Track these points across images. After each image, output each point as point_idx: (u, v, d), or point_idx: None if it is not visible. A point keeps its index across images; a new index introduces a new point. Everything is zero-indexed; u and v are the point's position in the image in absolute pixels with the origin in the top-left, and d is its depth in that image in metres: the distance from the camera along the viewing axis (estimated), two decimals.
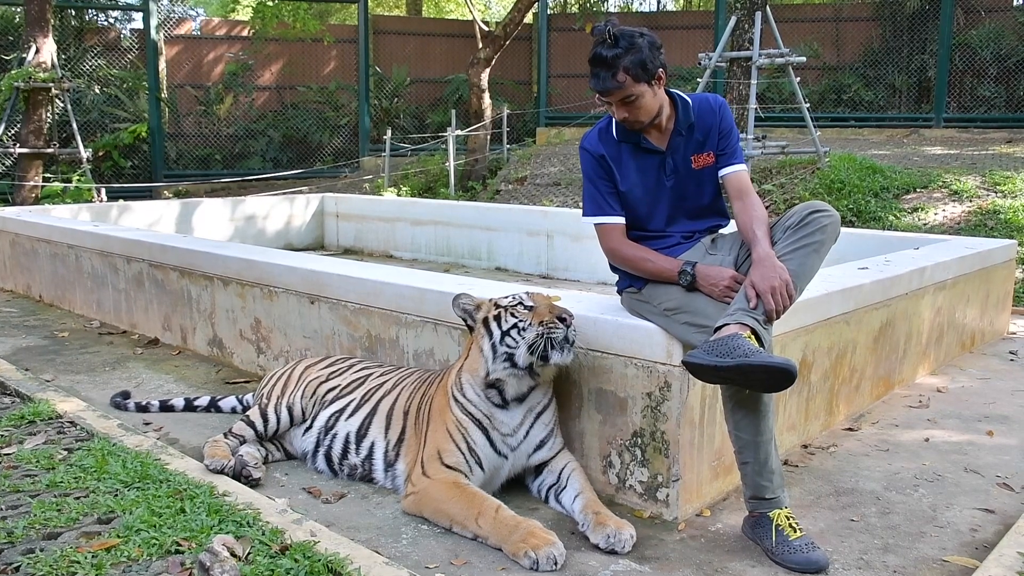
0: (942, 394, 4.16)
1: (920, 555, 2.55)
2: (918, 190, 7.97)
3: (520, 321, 2.75)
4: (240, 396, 3.85)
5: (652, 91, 2.71)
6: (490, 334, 2.80)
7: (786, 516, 2.55)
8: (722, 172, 2.83)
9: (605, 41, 2.69)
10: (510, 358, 2.76)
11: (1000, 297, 5.32)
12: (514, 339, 2.74)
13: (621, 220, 2.85)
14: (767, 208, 8.25)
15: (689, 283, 2.68)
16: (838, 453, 3.37)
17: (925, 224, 7.41)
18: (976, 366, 4.67)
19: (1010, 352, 4.98)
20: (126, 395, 3.94)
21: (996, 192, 7.67)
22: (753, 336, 2.41)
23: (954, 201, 7.67)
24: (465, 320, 2.95)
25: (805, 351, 3.36)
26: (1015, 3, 13.16)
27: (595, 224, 2.89)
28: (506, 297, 2.88)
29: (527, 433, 2.85)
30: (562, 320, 2.70)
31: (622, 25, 2.75)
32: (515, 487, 2.95)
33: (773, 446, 2.57)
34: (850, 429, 3.64)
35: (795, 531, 2.52)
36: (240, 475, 2.95)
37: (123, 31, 14.33)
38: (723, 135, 2.83)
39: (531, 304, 2.80)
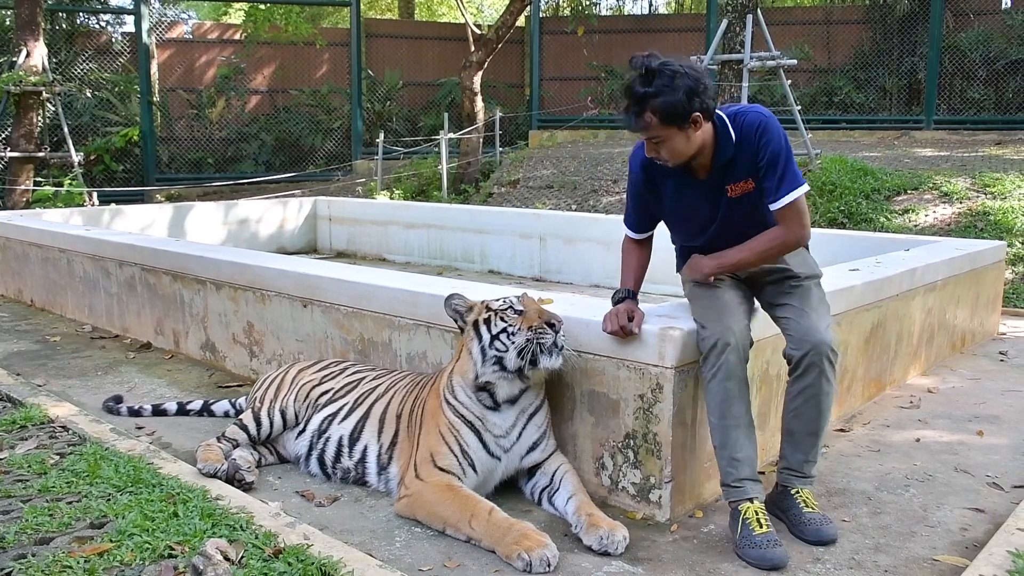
0: (933, 395, 4.18)
1: (911, 555, 2.56)
2: (909, 192, 8.01)
3: (509, 326, 2.76)
4: (233, 400, 3.84)
5: (685, 135, 2.57)
6: (480, 337, 2.81)
7: (755, 511, 2.58)
8: (772, 207, 2.68)
9: (641, 76, 2.55)
10: (499, 362, 2.77)
11: (990, 298, 5.35)
12: (503, 343, 2.75)
13: (634, 235, 3.00)
14: None
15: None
16: (829, 454, 3.39)
17: (916, 225, 7.45)
18: (966, 367, 4.70)
19: (1000, 352, 5.01)
20: (118, 399, 3.93)
21: (986, 194, 7.71)
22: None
23: (944, 203, 7.71)
24: (456, 320, 2.96)
25: None
26: (1003, 6, 13.23)
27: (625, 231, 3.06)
28: (497, 300, 2.88)
29: (520, 435, 2.86)
30: (551, 325, 2.71)
31: (669, 59, 2.57)
32: (508, 489, 2.95)
33: (742, 434, 2.62)
34: (841, 430, 3.66)
35: (761, 526, 2.55)
36: (233, 479, 2.94)
37: (114, 35, 14.31)
38: (766, 165, 2.64)
39: (521, 308, 2.81)
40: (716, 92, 2.68)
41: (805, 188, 2.68)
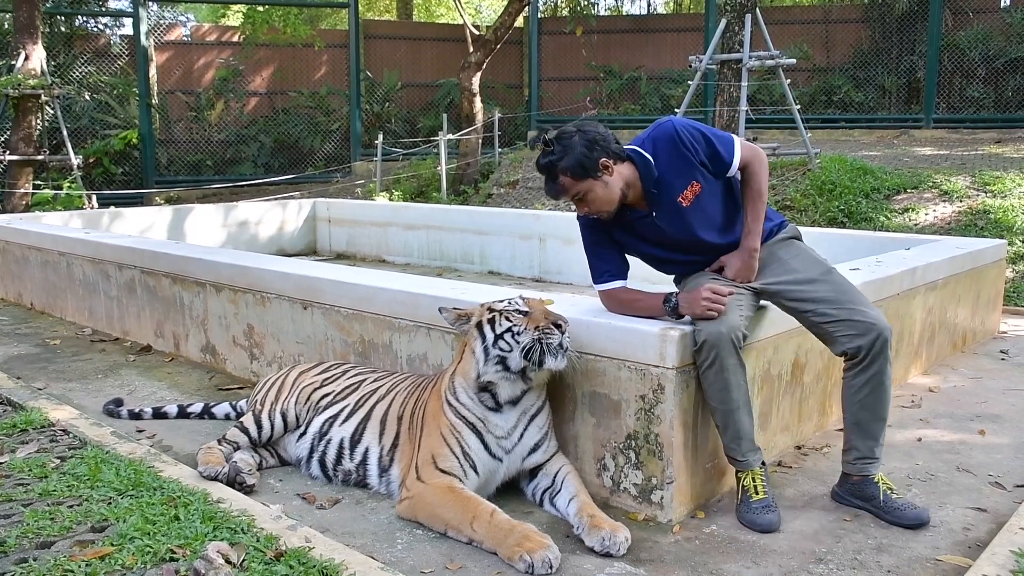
0: (934, 394, 4.18)
1: (914, 554, 2.56)
2: (908, 191, 8.01)
3: (515, 325, 2.75)
4: (234, 402, 3.84)
5: (602, 183, 2.78)
6: (483, 337, 2.80)
7: (753, 477, 2.77)
8: (730, 173, 2.88)
9: (543, 150, 2.81)
10: (503, 361, 2.76)
11: (991, 296, 5.35)
12: (507, 343, 2.75)
13: (613, 284, 2.97)
14: None
15: (673, 309, 2.82)
16: (832, 454, 3.38)
17: (916, 224, 7.45)
18: (968, 365, 4.69)
19: (1001, 351, 5.01)
20: (119, 402, 3.93)
21: (986, 192, 7.71)
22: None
23: (944, 201, 7.71)
24: (453, 325, 2.96)
25: (798, 352, 3.37)
26: (1002, 4, 13.24)
27: (596, 289, 3.05)
28: (501, 301, 2.88)
29: (521, 436, 2.85)
30: (557, 326, 2.71)
31: (565, 126, 2.85)
32: (510, 491, 2.95)
33: (743, 414, 2.75)
34: (843, 429, 3.64)
35: (757, 492, 2.76)
36: (234, 482, 2.94)
37: (113, 37, 14.30)
38: (704, 156, 2.82)
39: (526, 309, 2.81)
40: (615, 139, 2.84)
41: (735, 137, 2.90)
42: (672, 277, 3.15)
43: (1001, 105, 12.34)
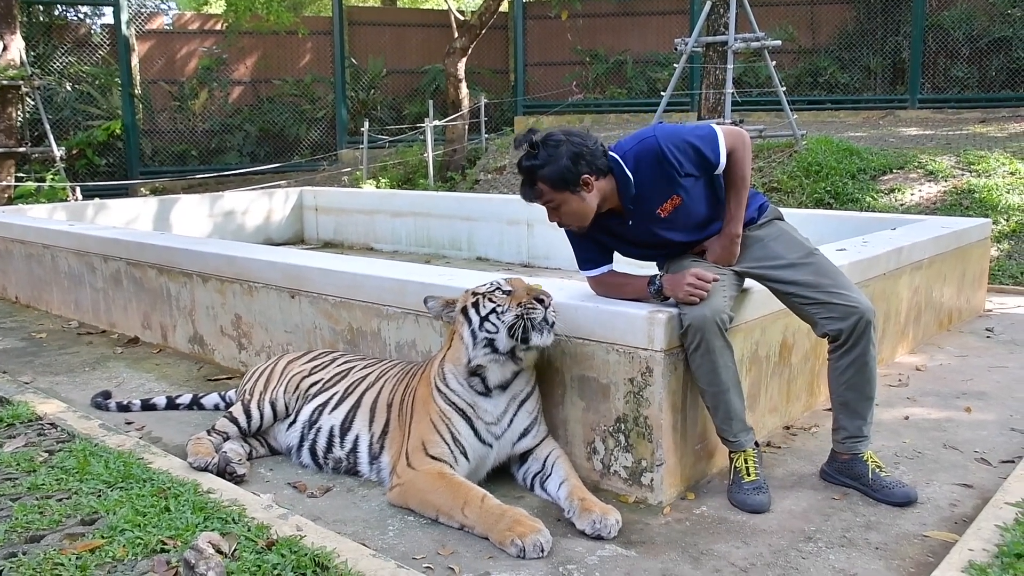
0: (921, 372, 4.21)
1: (901, 531, 2.59)
2: (894, 171, 8.03)
3: (498, 306, 2.75)
4: (222, 393, 3.83)
5: (579, 197, 2.73)
6: (469, 321, 2.80)
7: (745, 459, 2.80)
8: (719, 171, 2.80)
9: (527, 151, 2.74)
10: (490, 343, 2.76)
11: (976, 275, 5.38)
12: (493, 324, 2.75)
13: (599, 270, 2.97)
14: None
15: (658, 292, 2.81)
16: (820, 433, 3.41)
17: (902, 205, 7.48)
18: (953, 344, 4.73)
19: (986, 329, 5.05)
20: (107, 395, 3.91)
21: (971, 171, 7.75)
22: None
23: (930, 181, 7.74)
24: (439, 317, 2.96)
25: (785, 333, 3.39)
26: None
27: (582, 275, 3.05)
28: (484, 285, 2.88)
29: (511, 421, 2.86)
30: (540, 301, 2.71)
31: (552, 130, 2.80)
32: (500, 476, 2.96)
33: (732, 395, 2.76)
34: (831, 409, 3.67)
35: (749, 474, 2.78)
36: (224, 472, 2.93)
37: (93, 27, 14.11)
38: (692, 166, 2.76)
39: (509, 288, 2.81)
40: (603, 151, 2.77)
41: (714, 128, 2.81)
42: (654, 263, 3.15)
43: (985, 84, 12.37)
